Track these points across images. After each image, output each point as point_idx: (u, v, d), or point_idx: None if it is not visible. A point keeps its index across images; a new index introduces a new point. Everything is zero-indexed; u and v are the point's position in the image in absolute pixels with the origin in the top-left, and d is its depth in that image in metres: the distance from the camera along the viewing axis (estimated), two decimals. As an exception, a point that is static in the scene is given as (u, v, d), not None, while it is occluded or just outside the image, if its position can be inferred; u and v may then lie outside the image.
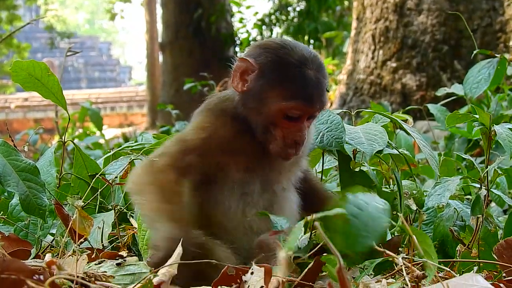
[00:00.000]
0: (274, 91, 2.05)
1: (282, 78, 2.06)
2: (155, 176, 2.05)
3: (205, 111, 2.19)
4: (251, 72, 2.10)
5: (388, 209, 1.85)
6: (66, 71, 37.30)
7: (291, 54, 2.07)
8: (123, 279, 1.88)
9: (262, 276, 1.69)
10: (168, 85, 15.41)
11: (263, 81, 2.07)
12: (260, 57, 2.10)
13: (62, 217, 2.31)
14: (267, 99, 2.06)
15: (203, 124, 2.12)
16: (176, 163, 2.06)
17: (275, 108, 2.05)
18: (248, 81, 2.11)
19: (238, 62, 2.14)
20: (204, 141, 2.08)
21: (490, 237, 2.45)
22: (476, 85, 3.79)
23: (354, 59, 8.28)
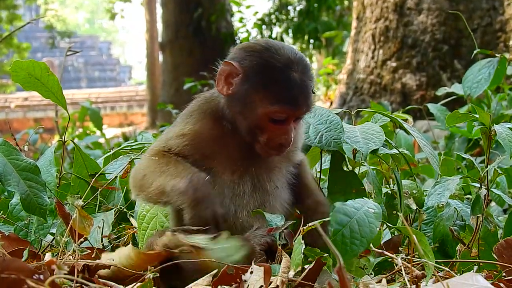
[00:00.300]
0: (258, 95, 2.05)
1: (266, 81, 2.05)
2: (146, 163, 2.13)
3: (189, 113, 2.21)
4: (235, 75, 2.09)
5: (380, 213, 1.86)
6: (66, 71, 37.29)
7: (276, 57, 2.05)
8: (219, 252, 1.85)
9: (261, 275, 1.69)
10: (168, 84, 15.41)
11: (248, 85, 2.07)
12: (245, 61, 2.09)
13: (63, 216, 2.31)
14: (252, 103, 2.06)
15: (184, 131, 2.14)
16: (159, 149, 2.16)
17: (260, 112, 2.05)
18: (233, 84, 2.10)
19: (222, 66, 2.12)
20: (186, 147, 2.12)
21: (490, 236, 2.45)
22: (476, 85, 3.78)
23: (354, 59, 8.28)
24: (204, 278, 1.88)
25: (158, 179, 2.04)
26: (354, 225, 1.82)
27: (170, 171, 2.03)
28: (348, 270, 2.09)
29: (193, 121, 2.16)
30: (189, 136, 2.13)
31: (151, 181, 2.05)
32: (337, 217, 1.82)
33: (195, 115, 2.17)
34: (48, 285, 1.41)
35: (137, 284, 1.80)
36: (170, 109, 8.40)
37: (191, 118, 2.17)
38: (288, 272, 1.73)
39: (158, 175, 2.05)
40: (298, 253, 1.73)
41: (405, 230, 1.96)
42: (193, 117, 2.17)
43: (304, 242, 1.76)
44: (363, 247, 1.80)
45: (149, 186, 2.06)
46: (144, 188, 2.08)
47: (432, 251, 1.88)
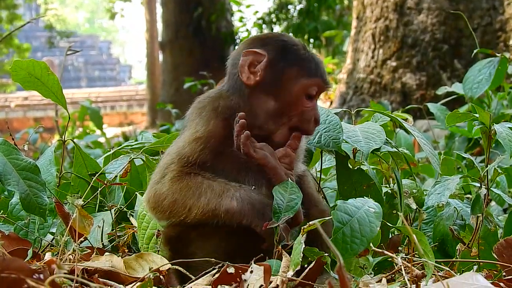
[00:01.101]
0: (293, 71, 2.11)
1: (296, 58, 2.13)
2: (172, 187, 2.05)
3: (198, 111, 2.17)
4: (258, 62, 2.12)
5: (381, 212, 1.86)
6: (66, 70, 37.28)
7: (293, 39, 2.18)
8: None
9: (261, 275, 1.69)
10: (168, 84, 15.42)
11: (280, 64, 2.11)
12: (266, 46, 2.14)
13: (63, 215, 2.31)
14: (288, 80, 2.10)
15: (198, 134, 2.10)
16: (180, 169, 2.07)
17: (298, 87, 2.10)
18: (258, 71, 2.11)
19: (243, 57, 2.13)
20: (203, 152, 2.07)
21: (490, 236, 2.45)
22: (477, 85, 3.78)
23: (354, 58, 8.28)
24: (204, 278, 1.88)
25: (197, 203, 2.00)
26: (355, 224, 1.82)
27: (210, 192, 2.00)
28: (347, 270, 2.09)
29: (205, 120, 2.12)
30: (204, 138, 2.08)
31: (188, 206, 2.01)
32: (338, 215, 1.82)
33: (207, 113, 2.14)
34: (48, 284, 1.41)
35: (137, 283, 1.80)
36: (169, 109, 8.40)
37: (202, 117, 2.13)
38: (288, 271, 1.73)
39: (196, 199, 2.01)
40: (297, 253, 1.73)
41: (405, 230, 1.96)
42: (205, 116, 2.13)
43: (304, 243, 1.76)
44: (363, 246, 1.80)
45: (187, 211, 2.02)
46: (178, 213, 2.03)
47: (432, 251, 1.88)
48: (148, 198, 2.11)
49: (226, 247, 2.03)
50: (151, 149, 2.86)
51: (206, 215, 2.00)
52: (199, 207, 1.99)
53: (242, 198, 1.98)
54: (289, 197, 1.98)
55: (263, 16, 15.01)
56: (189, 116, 2.19)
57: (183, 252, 2.06)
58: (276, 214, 1.94)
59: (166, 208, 2.05)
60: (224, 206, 1.98)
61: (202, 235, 2.05)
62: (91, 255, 2.15)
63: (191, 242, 2.08)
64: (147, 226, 2.43)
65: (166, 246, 2.15)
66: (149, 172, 2.75)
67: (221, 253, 2.00)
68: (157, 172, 2.12)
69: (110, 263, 2.03)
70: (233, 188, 2.01)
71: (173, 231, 2.12)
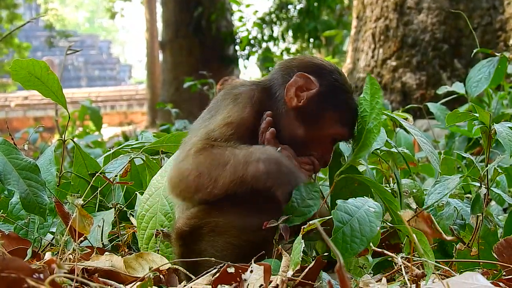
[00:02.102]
0: (334, 115, 2.14)
1: (342, 104, 2.16)
2: (195, 161, 2.00)
3: (234, 97, 2.16)
4: (306, 89, 2.14)
5: (381, 212, 1.86)
6: (66, 70, 37.29)
7: (344, 79, 2.20)
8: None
9: (261, 274, 1.69)
10: (168, 83, 15.41)
11: (325, 102, 2.13)
12: (320, 78, 2.16)
13: (63, 215, 2.31)
14: (326, 120, 2.13)
15: (231, 118, 2.08)
16: (204, 143, 2.04)
17: (332, 130, 2.14)
18: (302, 97, 2.13)
19: (296, 77, 2.15)
20: (232, 137, 2.05)
21: (490, 235, 2.45)
22: (476, 84, 3.78)
23: (354, 58, 8.28)
24: (204, 277, 1.88)
25: (224, 172, 1.96)
26: (355, 223, 1.82)
27: (235, 159, 1.96)
28: (347, 269, 2.09)
29: (241, 107, 2.11)
30: (236, 124, 2.07)
31: (214, 177, 1.96)
32: (338, 215, 1.82)
33: (242, 100, 2.13)
34: (48, 284, 1.41)
35: (137, 283, 1.80)
36: (169, 108, 8.39)
37: (238, 103, 2.12)
38: (288, 271, 1.73)
39: (221, 168, 1.96)
40: (297, 252, 1.73)
41: (405, 230, 1.96)
42: (240, 102, 2.12)
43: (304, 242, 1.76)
44: (363, 246, 1.80)
45: (213, 182, 1.97)
46: (204, 186, 1.98)
47: (432, 250, 1.88)
48: (170, 179, 2.06)
49: (236, 244, 2.03)
50: (151, 149, 2.86)
51: (233, 183, 1.96)
52: (225, 176, 1.95)
53: (268, 159, 1.96)
54: (307, 201, 1.98)
55: (263, 16, 15.01)
56: (222, 100, 2.17)
57: (194, 249, 2.07)
58: (287, 213, 1.94)
59: (191, 183, 1.99)
60: (251, 171, 1.95)
61: (214, 230, 2.05)
62: (91, 255, 2.15)
63: (203, 238, 2.07)
64: (147, 226, 2.43)
65: (178, 242, 2.13)
66: (149, 171, 2.76)
67: (231, 250, 2.01)
68: (181, 152, 2.09)
69: (110, 263, 2.04)
70: (258, 150, 1.98)
71: (185, 225, 2.10)
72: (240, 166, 1.95)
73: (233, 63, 15.53)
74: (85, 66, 40.94)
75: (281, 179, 1.97)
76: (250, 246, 2.00)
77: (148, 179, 2.69)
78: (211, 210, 2.05)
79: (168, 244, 2.29)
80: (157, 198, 2.43)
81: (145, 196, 2.47)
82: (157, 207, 2.43)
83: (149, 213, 2.44)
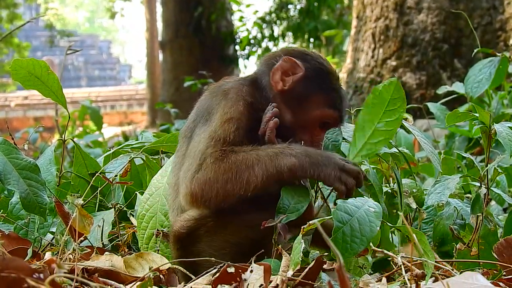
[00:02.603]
0: (320, 97, 2.13)
1: (326, 86, 2.16)
2: (217, 171, 1.97)
3: (223, 92, 2.14)
4: (292, 73, 2.14)
5: (381, 212, 1.86)
6: (66, 70, 37.28)
7: (329, 65, 2.21)
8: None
9: (261, 274, 1.69)
10: (168, 83, 15.41)
11: (309, 85, 2.13)
12: (306, 62, 2.17)
13: (63, 215, 2.31)
14: (311, 103, 2.13)
15: (229, 114, 2.06)
16: (220, 149, 2.01)
17: (316, 113, 2.13)
18: (288, 81, 2.14)
19: (282, 61, 2.16)
20: (238, 132, 2.04)
21: (490, 235, 2.45)
22: (477, 84, 3.78)
23: (354, 58, 8.28)
24: (204, 277, 1.88)
25: (254, 173, 1.94)
26: (355, 223, 1.82)
27: (262, 160, 1.95)
28: (346, 269, 2.09)
29: (234, 101, 2.09)
30: (236, 118, 2.05)
31: (245, 180, 1.94)
32: (338, 215, 1.82)
33: (233, 95, 2.11)
34: (48, 284, 1.41)
35: (137, 283, 1.80)
36: (169, 108, 8.39)
37: (230, 99, 2.10)
38: (288, 271, 1.73)
39: (251, 171, 1.94)
40: (297, 252, 1.73)
41: (405, 229, 1.96)
42: (232, 97, 2.10)
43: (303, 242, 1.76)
44: (363, 246, 1.80)
45: (244, 185, 1.94)
46: (234, 192, 1.95)
47: (432, 250, 1.88)
48: (191, 191, 1.99)
49: (234, 242, 2.03)
50: (151, 149, 2.87)
51: (268, 181, 1.94)
52: (257, 176, 1.93)
53: (297, 154, 1.95)
54: (297, 198, 1.97)
55: (264, 15, 15.00)
56: (211, 100, 2.15)
57: (192, 251, 2.06)
58: (279, 213, 1.93)
59: (219, 191, 1.95)
60: (286, 166, 1.93)
61: (211, 230, 2.05)
62: (91, 255, 2.15)
63: (200, 239, 2.07)
64: (147, 226, 2.43)
65: (176, 245, 2.13)
66: (149, 171, 2.76)
67: (229, 248, 2.01)
68: (192, 162, 2.02)
69: (110, 263, 2.04)
70: (281, 149, 1.97)
71: (183, 228, 2.10)
72: (270, 166, 1.94)
73: (233, 63, 15.53)
74: (85, 66, 40.92)
75: (317, 165, 1.95)
76: (248, 243, 2.00)
77: (148, 179, 2.69)
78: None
79: (168, 244, 2.29)
80: (157, 198, 2.43)
81: (145, 196, 2.47)
82: (157, 207, 2.43)
83: (149, 213, 2.44)
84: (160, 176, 2.49)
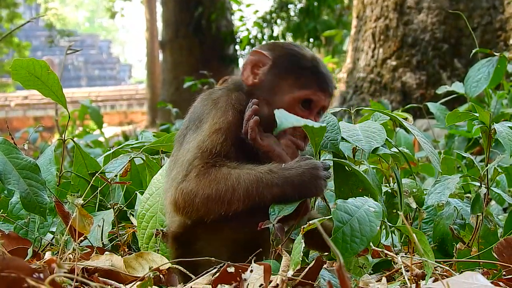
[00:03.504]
0: (288, 81, 2.10)
1: (296, 69, 2.11)
2: (200, 184, 1.97)
3: (213, 102, 2.13)
4: (263, 65, 2.13)
5: (381, 212, 1.86)
6: (66, 69, 37.29)
7: (303, 51, 2.16)
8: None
9: (261, 274, 1.69)
10: (168, 83, 15.41)
11: (277, 71, 2.11)
12: (274, 51, 2.15)
13: (63, 215, 2.31)
14: (281, 90, 2.09)
15: (218, 125, 2.05)
16: (204, 163, 2.00)
17: (289, 97, 2.09)
18: (259, 74, 2.13)
19: (250, 56, 2.15)
20: (226, 143, 2.03)
21: (490, 235, 2.45)
22: (475, 84, 3.79)
23: (354, 58, 8.28)
24: (204, 277, 1.88)
25: (235, 196, 1.93)
26: (355, 223, 1.82)
27: (243, 183, 1.93)
28: (347, 269, 2.09)
29: (223, 111, 2.08)
30: (224, 129, 2.03)
31: (226, 201, 1.94)
32: (338, 215, 1.82)
33: (223, 104, 2.10)
34: (48, 284, 1.41)
35: (137, 283, 1.80)
36: (169, 108, 8.39)
37: (219, 108, 2.09)
38: (288, 271, 1.73)
39: (231, 194, 1.93)
40: (297, 252, 1.73)
41: (405, 229, 1.96)
42: (222, 107, 2.09)
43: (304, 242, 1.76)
44: (363, 246, 1.80)
45: (226, 206, 1.94)
46: (215, 210, 1.95)
47: (432, 250, 1.88)
48: (175, 200, 2.00)
49: (233, 239, 2.03)
50: (151, 148, 2.86)
51: (250, 204, 1.94)
52: (239, 201, 1.93)
53: (278, 182, 1.93)
54: None
55: (264, 15, 15.01)
56: (202, 107, 2.14)
57: (190, 251, 2.06)
58: (272, 213, 1.93)
59: (199, 206, 1.96)
60: (268, 197, 1.92)
61: (208, 230, 2.04)
62: (91, 254, 2.15)
63: (198, 239, 2.07)
64: (147, 226, 2.43)
65: (174, 246, 2.13)
66: (149, 171, 2.76)
67: (229, 246, 2.01)
68: (179, 171, 2.03)
69: (110, 262, 2.04)
70: (266, 173, 1.94)
71: (180, 228, 2.09)
72: (252, 190, 1.92)
73: (233, 63, 15.53)
74: (85, 65, 40.93)
75: (302, 191, 1.94)
76: (247, 238, 2.00)
77: (148, 179, 2.69)
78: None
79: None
80: (158, 197, 2.43)
81: (145, 196, 2.47)
82: (157, 207, 2.43)
83: (150, 213, 2.44)
84: (160, 176, 2.49)
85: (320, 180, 1.94)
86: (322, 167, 1.96)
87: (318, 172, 1.94)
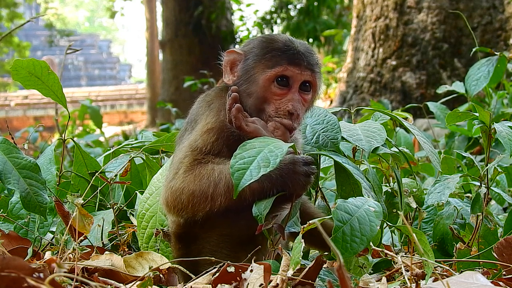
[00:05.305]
0: (260, 66, 2.09)
1: (265, 52, 2.10)
2: (186, 179, 1.98)
3: (207, 103, 2.16)
4: (238, 62, 2.15)
5: (381, 211, 1.86)
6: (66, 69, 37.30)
7: (276, 37, 2.15)
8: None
9: (261, 273, 1.69)
10: (168, 83, 15.41)
11: (250, 61, 2.11)
12: (246, 46, 2.18)
13: (63, 214, 2.31)
14: (255, 75, 2.10)
15: (210, 125, 2.07)
16: (192, 159, 2.02)
17: (262, 79, 2.08)
18: (236, 71, 2.15)
19: (225, 57, 2.18)
20: (216, 143, 2.04)
21: (489, 235, 2.45)
22: (475, 82, 3.79)
23: (354, 57, 8.28)
24: (204, 277, 1.88)
25: (217, 191, 1.93)
26: (355, 223, 1.81)
27: (225, 178, 1.93)
28: (347, 269, 2.09)
29: (215, 111, 2.10)
30: (216, 129, 2.05)
31: (209, 196, 1.94)
32: (338, 214, 1.82)
33: (215, 105, 2.12)
34: (48, 283, 1.41)
35: (137, 282, 1.80)
36: (169, 107, 8.39)
37: (212, 109, 2.11)
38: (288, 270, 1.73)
39: (213, 188, 1.94)
40: (297, 252, 1.73)
41: (405, 229, 1.96)
42: (214, 107, 2.12)
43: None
44: (363, 245, 1.80)
45: (210, 201, 1.95)
46: (201, 205, 1.96)
47: (432, 250, 1.88)
48: (166, 199, 2.03)
49: (231, 234, 2.03)
50: (151, 148, 2.86)
51: (232, 200, 1.92)
52: (220, 195, 1.93)
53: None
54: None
55: (264, 15, 15.01)
56: (197, 109, 2.17)
57: (192, 250, 2.08)
58: (258, 217, 1.93)
59: (186, 202, 1.98)
60: (247, 190, 1.89)
61: (206, 227, 2.05)
62: (91, 254, 2.15)
63: (198, 237, 2.08)
64: (147, 225, 2.43)
65: (177, 245, 2.15)
66: (149, 171, 2.76)
67: (228, 242, 2.01)
68: (171, 170, 2.07)
69: (110, 262, 2.04)
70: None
71: (180, 228, 2.12)
72: (232, 185, 1.89)
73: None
74: (85, 65, 40.94)
75: (280, 186, 1.94)
76: (244, 234, 2.00)
77: (148, 179, 2.69)
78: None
79: (168, 243, 2.30)
80: (157, 197, 2.43)
81: (145, 195, 2.47)
82: (157, 206, 2.43)
83: (150, 212, 2.44)
84: (160, 176, 2.49)
85: (299, 176, 1.93)
86: (302, 162, 1.95)
87: (296, 167, 1.94)
